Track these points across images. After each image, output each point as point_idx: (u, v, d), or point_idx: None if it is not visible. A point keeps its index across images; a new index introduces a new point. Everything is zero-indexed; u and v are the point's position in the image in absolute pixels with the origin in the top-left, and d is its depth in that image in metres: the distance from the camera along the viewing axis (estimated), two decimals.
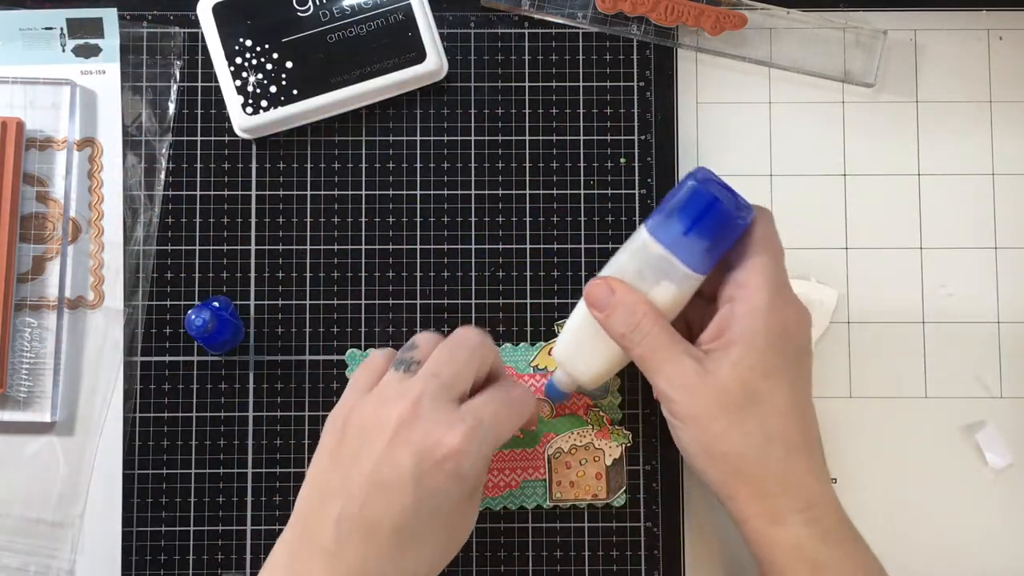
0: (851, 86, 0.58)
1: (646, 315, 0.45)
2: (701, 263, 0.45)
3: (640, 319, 0.45)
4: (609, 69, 0.58)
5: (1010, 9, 0.58)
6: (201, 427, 0.56)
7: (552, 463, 0.55)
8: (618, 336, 0.46)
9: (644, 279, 0.46)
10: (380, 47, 0.55)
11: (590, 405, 0.55)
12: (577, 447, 0.55)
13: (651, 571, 0.55)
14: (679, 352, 0.45)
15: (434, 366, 0.45)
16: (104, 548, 0.55)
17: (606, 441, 0.55)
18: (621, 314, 0.46)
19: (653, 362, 0.45)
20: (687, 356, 0.45)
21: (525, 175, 0.57)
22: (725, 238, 0.45)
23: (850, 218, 0.57)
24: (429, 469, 0.42)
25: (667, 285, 0.46)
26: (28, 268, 0.55)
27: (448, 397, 0.44)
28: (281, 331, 0.56)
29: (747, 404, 0.44)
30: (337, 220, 0.57)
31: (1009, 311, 0.57)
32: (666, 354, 0.45)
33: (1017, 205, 0.57)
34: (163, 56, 0.57)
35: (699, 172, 0.45)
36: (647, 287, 0.46)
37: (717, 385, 0.44)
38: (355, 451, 0.43)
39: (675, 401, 0.45)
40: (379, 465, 0.42)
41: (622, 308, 0.46)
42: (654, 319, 0.45)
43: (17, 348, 0.55)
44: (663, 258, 0.45)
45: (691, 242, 0.45)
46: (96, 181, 0.56)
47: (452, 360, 0.45)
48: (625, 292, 0.46)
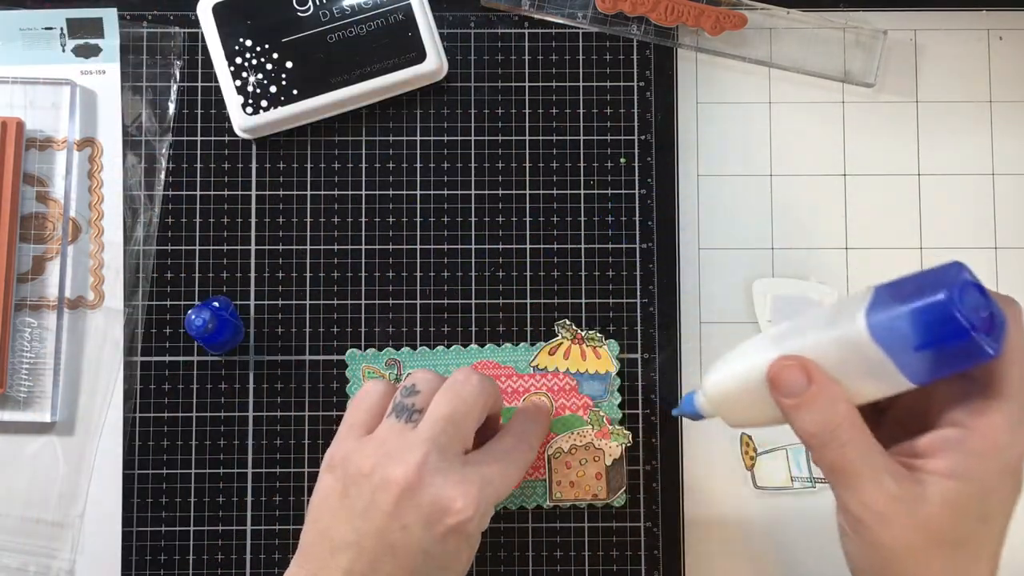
0: (851, 86, 0.58)
1: (847, 418, 0.38)
2: (924, 378, 0.37)
3: (840, 421, 0.38)
4: (609, 69, 0.58)
5: (1010, 9, 0.58)
6: (201, 427, 0.56)
7: (552, 463, 0.55)
8: (806, 434, 0.39)
9: (845, 371, 0.38)
10: (380, 47, 0.55)
11: (590, 406, 0.55)
12: (577, 447, 0.55)
13: (651, 571, 0.55)
14: (879, 468, 0.38)
15: (436, 423, 0.43)
16: (104, 548, 0.55)
17: (606, 441, 0.55)
18: (817, 411, 0.38)
19: (846, 475, 0.38)
20: (888, 475, 0.38)
21: (525, 175, 0.57)
22: (965, 363, 0.37)
23: (850, 218, 0.57)
24: (438, 537, 0.42)
25: (872, 385, 0.38)
26: (28, 268, 0.55)
27: (453, 454, 0.43)
28: (281, 331, 0.56)
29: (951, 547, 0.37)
30: (337, 220, 0.57)
31: None
32: (864, 468, 0.38)
33: (1017, 205, 0.57)
34: (163, 56, 0.57)
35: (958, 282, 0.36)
36: (847, 380, 0.38)
37: (921, 520, 0.37)
38: (363, 506, 0.42)
39: (864, 524, 0.38)
40: (388, 528, 0.42)
41: (820, 404, 0.38)
42: (854, 423, 0.38)
43: (17, 348, 0.55)
44: (879, 362, 0.37)
45: (920, 357, 0.36)
46: (96, 181, 0.56)
47: (454, 415, 0.43)
48: (825, 384, 0.38)
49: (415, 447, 0.43)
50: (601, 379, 0.55)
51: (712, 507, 0.56)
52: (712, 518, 0.56)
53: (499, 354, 0.56)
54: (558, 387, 0.55)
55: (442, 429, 0.43)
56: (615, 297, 0.57)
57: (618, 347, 0.56)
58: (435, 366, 0.55)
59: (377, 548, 0.42)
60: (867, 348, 0.37)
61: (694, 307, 0.57)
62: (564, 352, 0.56)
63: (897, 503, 0.37)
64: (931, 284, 0.36)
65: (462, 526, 0.42)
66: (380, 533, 0.42)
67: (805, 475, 0.56)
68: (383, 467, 0.43)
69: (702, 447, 0.56)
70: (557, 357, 0.56)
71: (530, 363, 0.56)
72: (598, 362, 0.55)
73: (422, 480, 0.42)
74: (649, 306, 0.57)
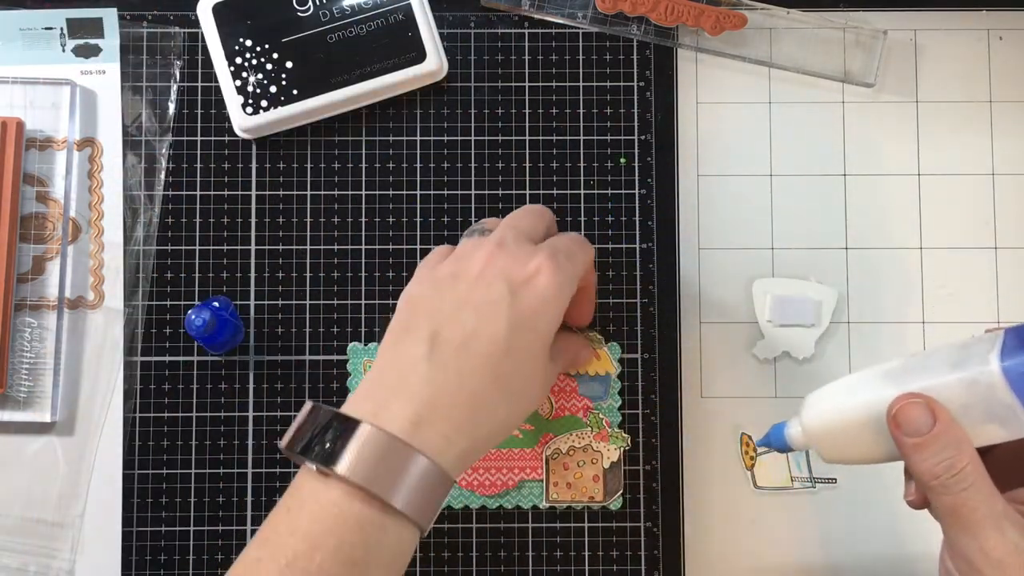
0: (851, 86, 0.58)
1: (971, 461, 0.38)
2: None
3: (964, 464, 0.38)
4: (609, 69, 0.58)
5: (1010, 9, 0.58)
6: (201, 427, 0.56)
7: (550, 464, 0.55)
8: (927, 475, 0.38)
9: (968, 414, 0.38)
10: (380, 47, 0.55)
11: (590, 408, 0.55)
12: (575, 449, 0.55)
13: (651, 571, 0.55)
14: (1000, 515, 0.38)
15: (509, 221, 0.47)
16: (104, 548, 0.55)
17: (604, 444, 0.55)
18: (940, 452, 0.38)
19: (967, 519, 0.38)
20: (1010, 523, 0.38)
21: (525, 175, 0.57)
22: None
23: (850, 218, 0.57)
24: (520, 289, 0.43)
25: (994, 430, 0.38)
26: (28, 268, 0.55)
27: (527, 240, 0.46)
28: (281, 331, 0.56)
29: None
30: (337, 220, 0.57)
31: (1009, 311, 0.57)
32: (986, 516, 0.37)
33: (1017, 205, 0.57)
34: (163, 56, 0.57)
35: None
36: (969, 422, 0.38)
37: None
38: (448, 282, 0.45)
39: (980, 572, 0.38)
40: (472, 289, 0.44)
41: (943, 445, 0.38)
42: (977, 468, 0.38)
43: (17, 348, 0.55)
44: (1008, 406, 0.37)
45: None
46: (96, 181, 0.56)
47: (524, 217, 0.48)
48: (950, 425, 0.38)
49: (491, 238, 0.46)
50: (601, 380, 0.55)
51: (712, 507, 0.56)
52: (712, 518, 0.56)
53: None
54: (558, 388, 0.55)
55: (511, 227, 0.47)
56: (615, 297, 0.57)
57: (620, 349, 0.56)
58: None
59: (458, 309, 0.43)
60: (999, 392, 0.37)
61: (694, 307, 0.57)
62: None
63: (1017, 554, 0.37)
64: None
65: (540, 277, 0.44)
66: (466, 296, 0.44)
67: (805, 475, 0.56)
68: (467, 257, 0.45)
69: (702, 447, 0.56)
70: None
71: None
72: (598, 363, 0.55)
73: (501, 252, 0.45)
74: (649, 306, 0.57)
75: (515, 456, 0.55)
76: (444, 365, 0.42)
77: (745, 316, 0.57)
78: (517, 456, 0.55)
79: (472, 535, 0.55)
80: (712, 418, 0.56)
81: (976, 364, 0.38)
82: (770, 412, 0.56)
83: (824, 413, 0.42)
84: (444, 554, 0.55)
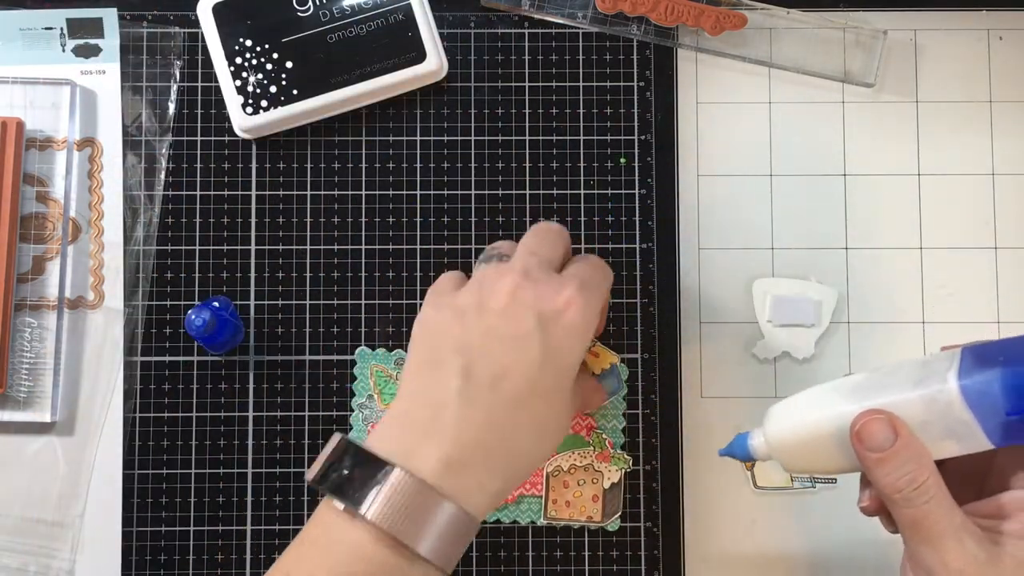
0: (851, 86, 0.58)
1: (931, 475, 0.39)
2: (1005, 441, 0.39)
3: (925, 478, 0.39)
4: (609, 69, 0.58)
5: (1010, 9, 0.58)
6: (201, 427, 0.56)
7: (550, 481, 0.55)
8: (888, 488, 0.40)
9: (926, 430, 0.40)
10: (380, 47, 0.55)
11: (593, 427, 0.55)
12: (577, 467, 0.55)
13: (651, 571, 0.55)
14: (959, 527, 0.39)
15: (529, 248, 0.46)
16: (104, 548, 0.55)
17: (606, 464, 0.55)
18: (901, 466, 0.39)
19: (928, 532, 0.39)
20: (968, 535, 0.39)
21: (525, 175, 0.57)
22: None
23: (850, 218, 0.57)
24: (549, 323, 0.42)
25: (951, 445, 0.39)
26: (28, 268, 0.55)
27: (550, 267, 0.45)
28: (281, 331, 0.56)
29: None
30: (337, 220, 0.57)
31: (1009, 311, 0.57)
32: (946, 527, 0.39)
33: (1017, 205, 0.57)
34: (163, 56, 0.57)
35: None
36: (927, 438, 0.40)
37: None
38: (474, 313, 0.43)
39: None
40: (499, 323, 0.42)
41: (904, 460, 0.39)
42: (938, 482, 0.39)
43: (17, 348, 0.55)
44: (965, 423, 0.38)
45: (1008, 422, 0.38)
46: (96, 181, 0.56)
47: (543, 242, 0.46)
48: (911, 441, 0.39)
49: (514, 266, 0.44)
50: (610, 373, 0.55)
51: (712, 507, 0.56)
52: (712, 518, 0.56)
53: None
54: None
55: (532, 253, 0.45)
56: (615, 297, 0.57)
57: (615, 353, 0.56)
58: None
59: (488, 343, 0.42)
60: (956, 409, 0.38)
61: (694, 307, 0.57)
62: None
63: (976, 564, 0.38)
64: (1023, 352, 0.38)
65: (569, 310, 0.43)
66: (493, 327, 0.42)
67: (805, 475, 0.56)
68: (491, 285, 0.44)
69: (702, 447, 0.56)
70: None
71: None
72: (599, 360, 0.55)
73: (528, 282, 0.43)
74: (649, 306, 0.57)
75: None
76: (476, 403, 0.41)
77: (745, 316, 0.57)
78: None
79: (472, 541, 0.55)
80: (712, 418, 0.56)
81: (935, 382, 0.39)
82: None
83: (787, 426, 0.43)
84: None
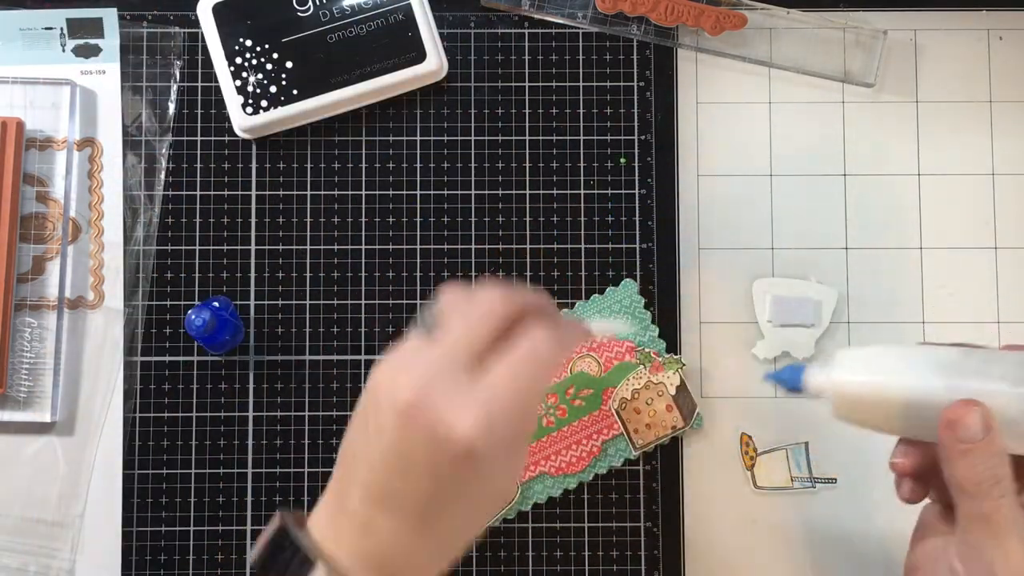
0: (851, 86, 0.58)
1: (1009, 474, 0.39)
2: None
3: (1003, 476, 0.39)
4: (609, 69, 0.58)
5: (1010, 9, 0.58)
6: (201, 427, 0.56)
7: (622, 415, 0.55)
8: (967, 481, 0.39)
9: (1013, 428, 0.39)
10: (380, 47, 0.55)
11: (632, 348, 0.55)
12: (639, 390, 0.55)
13: (651, 571, 0.55)
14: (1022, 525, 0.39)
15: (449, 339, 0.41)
16: (104, 548, 0.55)
17: (662, 374, 0.55)
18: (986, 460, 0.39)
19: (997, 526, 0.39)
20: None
21: (525, 175, 0.57)
22: None
23: (850, 218, 0.57)
24: (443, 462, 0.40)
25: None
26: (28, 268, 0.55)
27: (462, 369, 0.40)
28: (281, 331, 0.56)
29: None
30: (337, 220, 0.57)
31: (1009, 311, 0.57)
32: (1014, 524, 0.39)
33: (1017, 205, 0.57)
34: (163, 56, 0.57)
35: None
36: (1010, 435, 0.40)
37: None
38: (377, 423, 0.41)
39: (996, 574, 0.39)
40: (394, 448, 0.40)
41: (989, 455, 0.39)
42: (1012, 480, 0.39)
43: (17, 348, 0.55)
44: None
45: None
46: (96, 181, 0.56)
47: (466, 327, 0.41)
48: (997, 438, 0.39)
49: (422, 365, 0.41)
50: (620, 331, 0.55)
51: (712, 507, 0.56)
52: (712, 518, 0.56)
53: None
54: (596, 344, 0.55)
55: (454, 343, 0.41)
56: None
57: (634, 284, 0.56)
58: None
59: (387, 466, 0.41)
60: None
61: (694, 307, 0.57)
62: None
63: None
64: None
65: (467, 450, 0.39)
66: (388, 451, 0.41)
67: (805, 475, 0.56)
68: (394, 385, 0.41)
69: (702, 447, 0.56)
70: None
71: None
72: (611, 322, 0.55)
73: (424, 401, 0.40)
74: (649, 306, 0.57)
75: (587, 424, 0.55)
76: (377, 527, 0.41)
77: (745, 316, 0.57)
78: (589, 423, 0.55)
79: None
80: (712, 418, 0.56)
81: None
82: (770, 412, 0.56)
83: (861, 378, 0.41)
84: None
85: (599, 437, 0.55)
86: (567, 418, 0.55)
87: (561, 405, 0.55)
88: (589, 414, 0.55)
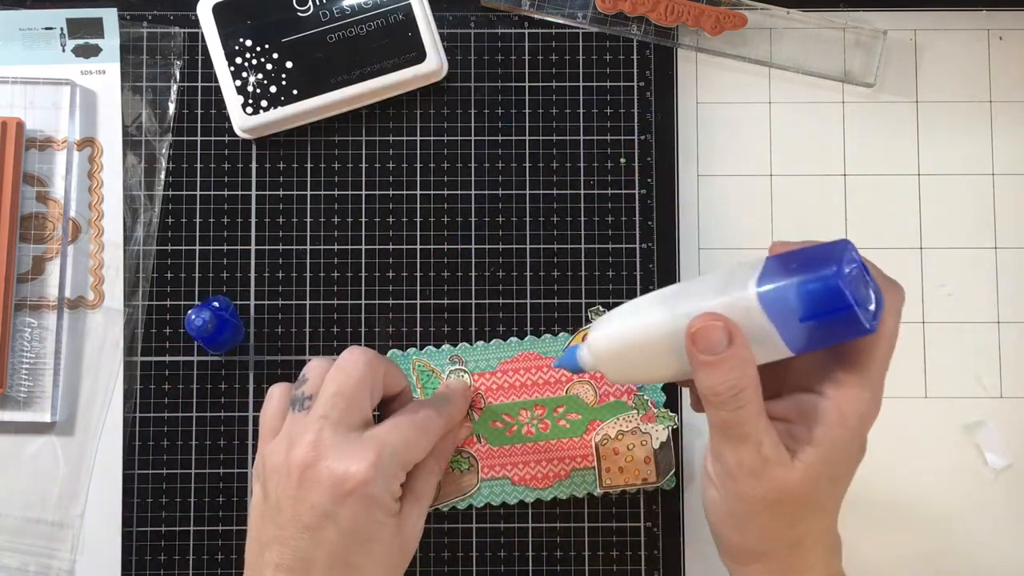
0: (851, 86, 0.58)
1: (752, 382, 0.39)
2: (803, 346, 0.39)
3: (747, 384, 0.39)
4: (609, 69, 0.58)
5: (1010, 9, 0.58)
6: (201, 427, 0.56)
7: (600, 450, 0.55)
8: (712, 392, 0.40)
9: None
10: (380, 47, 0.55)
11: (633, 391, 0.55)
12: (624, 432, 0.55)
13: (651, 571, 0.55)
14: (761, 431, 0.40)
15: (326, 401, 0.45)
16: (104, 548, 0.55)
17: (652, 425, 0.55)
18: (729, 371, 0.39)
19: (736, 433, 0.40)
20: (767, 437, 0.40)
21: (525, 175, 0.57)
22: (843, 337, 0.39)
23: (850, 218, 0.57)
24: (341, 503, 0.43)
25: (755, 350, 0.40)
26: (28, 268, 0.55)
27: (347, 427, 0.44)
28: (281, 331, 0.56)
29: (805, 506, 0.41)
30: (337, 220, 0.57)
31: (1009, 311, 0.57)
32: (750, 431, 0.40)
33: (1017, 205, 0.57)
34: (163, 56, 0.57)
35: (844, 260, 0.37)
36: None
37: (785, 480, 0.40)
38: (276, 499, 0.44)
39: (735, 479, 0.41)
40: (299, 512, 0.43)
41: (734, 365, 0.39)
42: (756, 388, 0.40)
43: (17, 348, 0.55)
44: (763, 328, 0.38)
45: (803, 328, 0.38)
46: (96, 181, 0.56)
47: (342, 390, 0.45)
48: (742, 348, 0.39)
49: (309, 428, 0.44)
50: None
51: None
52: None
53: (539, 345, 0.56)
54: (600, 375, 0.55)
55: (332, 405, 0.45)
56: (615, 298, 0.57)
57: None
58: (492, 358, 0.56)
59: (295, 535, 0.43)
60: (755, 316, 0.38)
61: None
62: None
63: (767, 465, 0.40)
64: (820, 259, 0.37)
65: (362, 489, 0.43)
66: (294, 519, 0.43)
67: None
68: (286, 455, 0.44)
69: (702, 447, 0.56)
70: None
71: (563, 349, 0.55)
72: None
73: (319, 456, 0.43)
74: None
75: (564, 446, 0.55)
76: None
77: None
78: (567, 446, 0.55)
79: (472, 535, 0.55)
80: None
81: (737, 289, 0.39)
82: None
83: (604, 334, 0.43)
84: (444, 554, 0.55)
85: (571, 463, 0.55)
86: (547, 433, 0.55)
87: (546, 419, 0.55)
88: (570, 438, 0.55)
